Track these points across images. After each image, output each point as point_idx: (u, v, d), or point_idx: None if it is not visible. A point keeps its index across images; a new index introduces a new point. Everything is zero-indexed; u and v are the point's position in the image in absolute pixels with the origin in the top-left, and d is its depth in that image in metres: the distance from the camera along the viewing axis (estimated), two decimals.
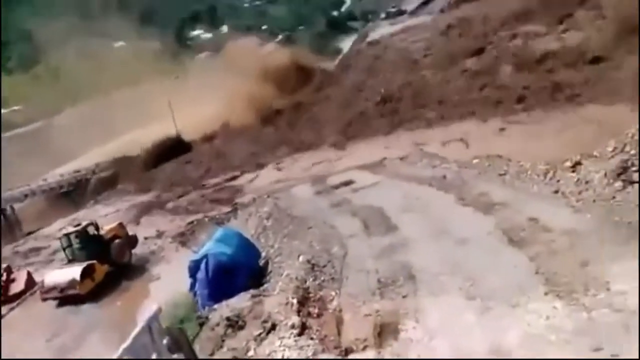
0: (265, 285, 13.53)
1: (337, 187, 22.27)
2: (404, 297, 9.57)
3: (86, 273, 19.27)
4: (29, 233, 35.35)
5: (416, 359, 6.32)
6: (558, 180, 12.90)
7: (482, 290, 8.69)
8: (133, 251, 21.70)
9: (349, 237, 14.49)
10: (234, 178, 30.47)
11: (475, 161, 19.60)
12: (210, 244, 16.08)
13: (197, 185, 31.17)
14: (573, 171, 12.61)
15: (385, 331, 8.44)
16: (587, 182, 11.61)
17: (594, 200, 10.74)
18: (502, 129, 24.70)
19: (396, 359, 7.47)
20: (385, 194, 18.40)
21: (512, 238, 10.58)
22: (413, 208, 15.56)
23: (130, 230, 23.06)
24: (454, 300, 8.76)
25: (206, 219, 24.16)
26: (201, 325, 11.24)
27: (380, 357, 7.69)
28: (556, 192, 12.41)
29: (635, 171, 10.15)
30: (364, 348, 8.12)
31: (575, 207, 10.93)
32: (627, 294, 6.88)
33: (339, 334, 8.96)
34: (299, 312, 10.14)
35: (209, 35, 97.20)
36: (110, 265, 20.31)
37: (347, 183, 22.11)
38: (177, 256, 20.83)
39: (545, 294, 7.76)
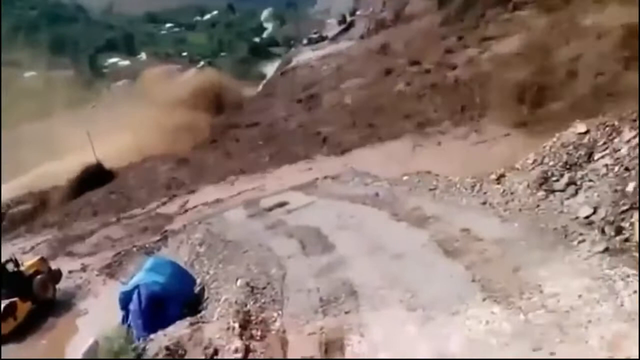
0: (203, 312, 13.14)
1: (270, 209, 22.15)
2: (346, 313, 9.63)
3: (7, 312, 17.84)
4: None
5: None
6: (485, 192, 13.56)
7: (422, 301, 8.92)
8: (57, 286, 20.38)
9: (286, 258, 14.45)
10: (164, 204, 29.58)
11: (405, 178, 20.22)
12: (141, 274, 15.41)
13: (123, 214, 29.95)
14: (498, 183, 13.32)
15: (331, 348, 8.46)
16: (512, 193, 12.30)
17: (520, 210, 11.39)
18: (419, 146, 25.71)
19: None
20: (319, 213, 18.53)
21: (446, 249, 10.98)
22: (348, 226, 15.78)
23: (53, 264, 21.69)
24: (395, 312, 8.93)
25: (134, 249, 23.17)
26: (139, 356, 10.72)
27: None
28: (484, 203, 13.05)
29: (555, 181, 10.89)
30: None
31: (503, 217, 11.53)
32: (559, 295, 7.32)
33: (285, 355, 8.85)
34: (241, 335, 9.95)
35: (126, 62, 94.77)
36: (33, 302, 18.92)
37: (281, 204, 22.06)
38: (105, 289, 19.76)
39: (483, 300, 8.09)
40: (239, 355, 9.18)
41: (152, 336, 11.72)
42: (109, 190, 35.46)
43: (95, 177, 37.41)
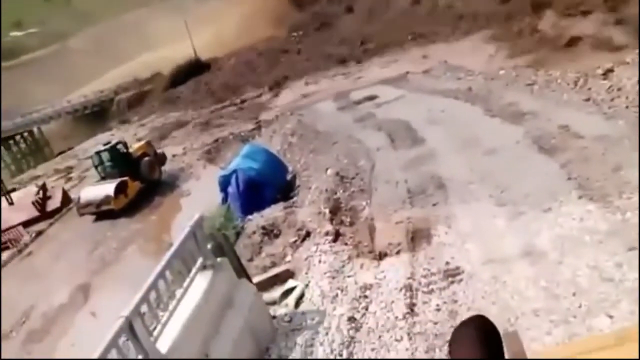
0: (295, 198, 13.89)
1: (360, 102, 22.12)
2: (434, 205, 9.77)
3: (119, 189, 19.95)
4: (60, 153, 36.26)
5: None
6: (589, 88, 12.63)
7: (513, 197, 8.83)
8: (163, 168, 22.24)
9: (375, 150, 14.62)
10: (259, 96, 30.31)
11: (501, 72, 19.19)
12: (238, 160, 16.43)
13: (220, 103, 31.14)
14: (605, 78, 12.30)
15: (417, 236, 8.72)
16: (619, 89, 11.36)
17: (627, 107, 10.58)
18: None
19: None
20: (409, 107, 18.28)
21: (542, 146, 10.58)
22: (439, 120, 15.49)
23: (158, 148, 23.51)
24: (484, 206, 8.93)
25: (231, 137, 24.41)
26: (238, 234, 11.76)
27: (414, 260, 7.99)
28: (587, 99, 12.21)
29: None
30: (398, 252, 8.41)
31: (607, 114, 10.79)
32: None
33: (372, 240, 9.26)
34: (331, 220, 10.49)
35: None
36: (141, 182, 20.92)
37: (370, 98, 21.93)
38: (205, 173, 21.31)
39: (579, 197, 7.87)
40: (330, 238, 9.75)
41: (249, 217, 12.74)
42: (205, 80, 36.62)
43: (193, 67, 38.64)
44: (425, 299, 6.82)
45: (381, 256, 8.56)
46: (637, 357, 1.34)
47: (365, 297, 7.39)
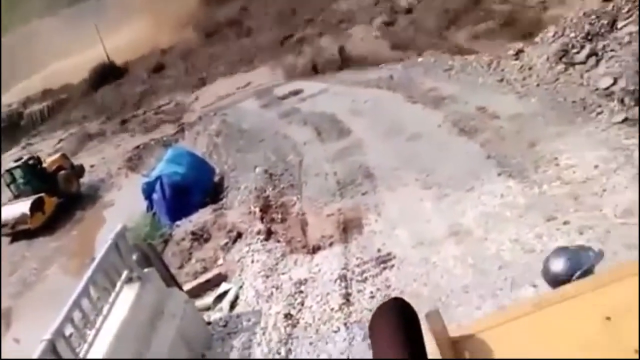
0: (224, 200, 13.60)
1: (284, 97, 21.97)
2: (363, 194, 9.84)
3: (36, 207, 18.66)
4: None
5: None
6: (502, 69, 13.16)
7: (437, 179, 9.04)
8: (81, 180, 21.07)
9: (302, 144, 14.56)
10: (177, 99, 29.40)
11: (420, 59, 19.67)
12: (162, 165, 15.84)
13: (138, 108, 29.98)
14: (516, 59, 12.86)
15: (349, 227, 8.74)
16: (530, 68, 11.89)
17: (538, 85, 11.08)
18: None
19: None
20: (334, 100, 18.34)
21: (462, 128, 10.89)
22: (363, 111, 15.64)
23: (75, 160, 22.26)
24: (411, 191, 9.09)
25: (152, 142, 23.52)
26: (165, 242, 11.33)
27: (347, 250, 7.98)
28: (501, 80, 12.71)
29: (576, 53, 10.44)
30: (331, 244, 8.39)
31: (520, 93, 11.27)
32: (575, 167, 7.32)
33: (305, 235, 9.19)
34: (262, 219, 10.34)
35: None
36: (59, 197, 19.71)
37: (294, 93, 21.82)
38: (127, 181, 20.40)
39: (498, 175, 8.15)
40: (261, 236, 9.58)
41: (177, 222, 12.31)
42: (119, 84, 35.17)
43: (107, 73, 37.00)
44: (359, 287, 6.83)
45: (314, 250, 8.52)
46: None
47: (301, 292, 7.31)
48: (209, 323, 7.57)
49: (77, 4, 55.34)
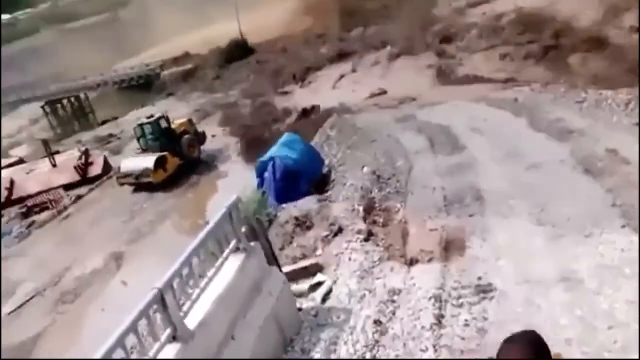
0: (329, 192, 13.94)
1: (402, 101, 21.97)
2: (470, 215, 9.68)
3: (159, 163, 20.39)
4: (104, 121, 37.27)
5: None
6: None
7: (553, 217, 8.66)
8: (202, 147, 22.60)
9: (414, 152, 14.53)
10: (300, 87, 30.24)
11: (549, 85, 18.75)
12: (276, 147, 16.54)
13: (264, 91, 31.19)
14: None
15: (451, 246, 8.66)
16: None
17: None
18: None
19: None
20: (452, 112, 18.04)
21: (588, 168, 10.33)
22: (482, 129, 15.25)
23: (199, 126, 23.88)
24: (523, 223, 8.79)
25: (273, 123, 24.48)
26: (270, 221, 11.88)
27: (446, 270, 7.96)
28: (638, 123, 11.85)
29: None
30: (430, 260, 8.38)
31: None
32: None
33: (404, 244, 9.24)
34: (364, 219, 10.53)
35: None
36: (180, 158, 21.33)
37: (413, 98, 21.76)
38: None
39: (622, 226, 7.68)
40: (361, 236, 9.78)
41: (283, 205, 12.86)
42: (248, 64, 36.74)
43: (239, 50, 38.88)
44: (454, 312, 6.80)
45: (412, 262, 8.55)
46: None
47: (393, 301, 7.41)
48: (300, 309, 7.88)
49: None
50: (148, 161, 20.34)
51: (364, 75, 28.24)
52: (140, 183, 20.45)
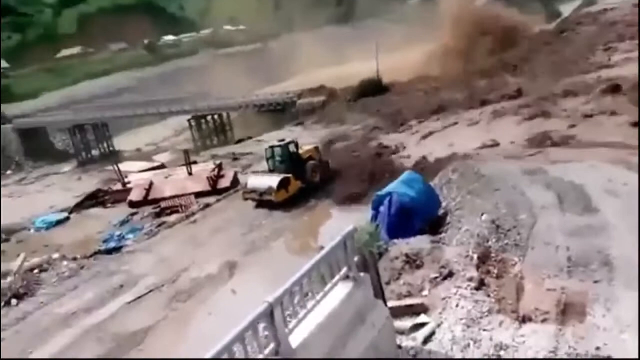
0: (443, 235, 13.72)
1: (532, 154, 20.97)
2: (595, 282, 9.03)
3: (282, 184, 21.56)
4: (239, 140, 40.22)
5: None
6: None
7: None
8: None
9: (540, 207, 13.81)
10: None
11: None
12: (396, 183, 16.72)
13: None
14: None
15: (569, 310, 8.15)
16: None
17: None
18: None
19: None
20: (587, 172, 16.86)
21: None
22: (619, 193, 14.11)
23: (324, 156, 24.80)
24: None
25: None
26: (380, 255, 11.97)
27: (560, 334, 7.50)
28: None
29: None
30: (544, 321, 7.96)
31: None
32: None
33: (518, 300, 8.85)
34: (478, 267, 10.24)
35: None
36: (302, 182, 22.33)
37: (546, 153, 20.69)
38: None
39: None
40: (473, 284, 9.53)
41: (395, 241, 12.92)
42: (381, 102, 37.49)
43: (372, 87, 40.02)
44: None
45: (524, 320, 8.19)
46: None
47: (499, 357, 7.13)
48: (400, 347, 7.85)
49: (366, 19, 60.99)
50: (273, 181, 21.57)
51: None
52: (263, 200, 21.71)
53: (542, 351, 7.01)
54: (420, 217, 15.13)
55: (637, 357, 6.56)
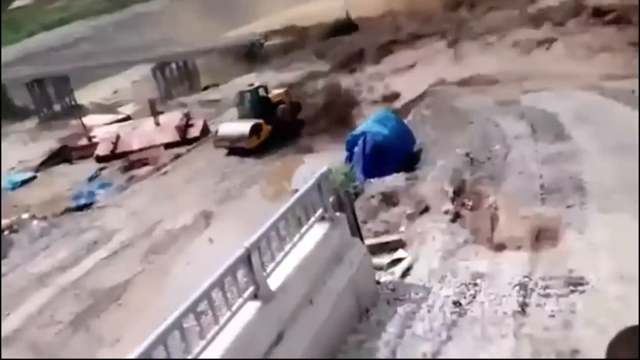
0: (417, 171, 13.72)
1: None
2: (568, 207, 9.09)
3: (254, 130, 21.19)
4: (206, 87, 39.09)
5: None
6: None
7: None
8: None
9: (513, 137, 13.85)
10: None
11: None
12: (368, 122, 16.58)
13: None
14: None
15: (543, 236, 8.19)
16: None
17: None
18: None
19: None
20: (560, 100, 16.93)
21: None
22: (591, 119, 14.20)
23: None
24: (627, 221, 8.07)
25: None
26: (356, 194, 11.92)
27: (535, 259, 7.58)
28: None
29: None
30: (519, 247, 8.02)
31: None
32: None
33: (493, 229, 8.90)
34: (453, 200, 10.28)
35: None
36: (274, 127, 21.96)
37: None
38: None
39: None
40: (448, 217, 9.57)
41: (372, 180, 12.87)
42: (351, 39, 36.55)
43: (342, 26, 38.97)
44: (539, 301, 6.49)
45: (499, 248, 8.24)
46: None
47: (475, 285, 7.20)
48: (378, 282, 7.90)
49: None
50: (244, 127, 21.17)
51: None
52: (235, 147, 21.36)
53: (516, 277, 7.09)
54: (396, 154, 15.10)
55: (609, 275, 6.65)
